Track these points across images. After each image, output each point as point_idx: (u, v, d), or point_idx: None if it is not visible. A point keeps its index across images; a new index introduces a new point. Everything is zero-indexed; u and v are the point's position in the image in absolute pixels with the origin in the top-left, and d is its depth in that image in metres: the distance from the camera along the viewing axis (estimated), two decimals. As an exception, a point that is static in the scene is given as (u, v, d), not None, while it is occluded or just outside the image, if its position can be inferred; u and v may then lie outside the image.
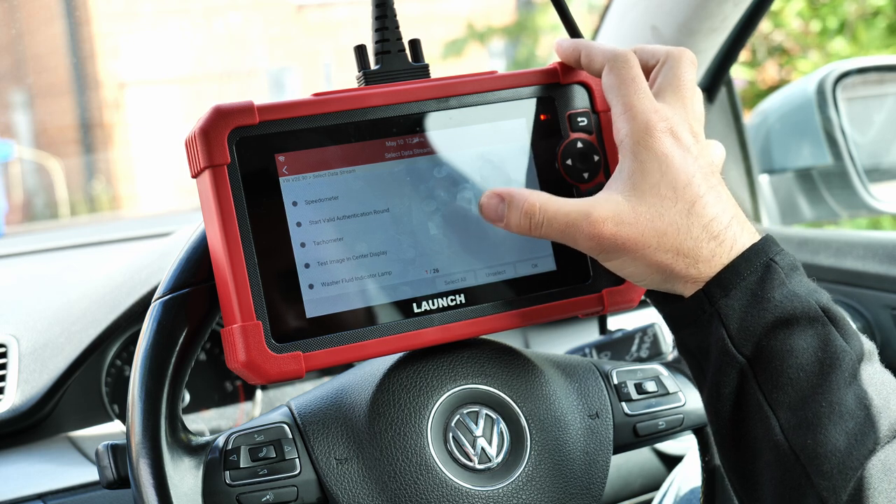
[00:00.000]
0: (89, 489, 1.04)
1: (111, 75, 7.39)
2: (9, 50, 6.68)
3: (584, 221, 0.63)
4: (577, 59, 0.71)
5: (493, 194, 0.66)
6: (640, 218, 0.62)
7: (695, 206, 0.63)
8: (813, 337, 0.61)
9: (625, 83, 0.66)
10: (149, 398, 0.68)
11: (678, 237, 0.62)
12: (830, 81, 1.46)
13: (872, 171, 1.48)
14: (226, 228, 0.66)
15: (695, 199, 0.63)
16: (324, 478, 0.69)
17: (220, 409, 1.22)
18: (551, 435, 0.73)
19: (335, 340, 0.68)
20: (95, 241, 1.47)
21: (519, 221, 0.65)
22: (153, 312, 0.70)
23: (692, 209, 0.63)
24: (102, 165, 7.19)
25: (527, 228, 0.65)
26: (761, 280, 0.62)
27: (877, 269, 1.24)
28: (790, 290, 0.62)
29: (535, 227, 0.64)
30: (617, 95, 0.66)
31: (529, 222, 0.65)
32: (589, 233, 0.63)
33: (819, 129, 1.46)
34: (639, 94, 0.65)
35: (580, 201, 0.64)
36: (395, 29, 0.74)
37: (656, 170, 0.63)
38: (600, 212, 0.63)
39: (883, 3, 4.44)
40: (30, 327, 1.13)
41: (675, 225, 0.62)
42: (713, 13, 1.27)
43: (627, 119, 0.65)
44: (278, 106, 0.68)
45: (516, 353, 0.75)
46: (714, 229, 0.63)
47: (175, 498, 0.67)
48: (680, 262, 0.63)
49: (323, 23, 7.95)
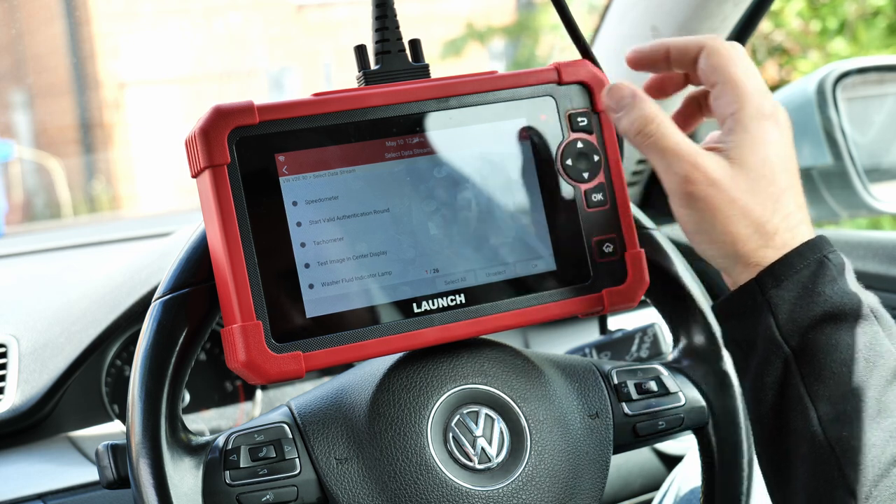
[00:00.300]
0: (89, 489, 1.04)
1: (111, 75, 7.39)
2: (9, 50, 6.68)
3: (688, 159, 0.64)
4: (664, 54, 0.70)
5: (625, 86, 0.67)
6: (738, 185, 0.64)
7: (784, 193, 0.65)
8: (859, 334, 0.62)
9: (733, 62, 0.66)
10: (149, 398, 0.68)
11: (763, 216, 0.64)
12: (830, 81, 1.46)
13: (872, 171, 1.48)
14: (226, 228, 0.66)
15: (786, 187, 0.65)
16: (324, 478, 0.69)
17: (220, 409, 1.22)
18: (551, 435, 0.73)
19: (335, 340, 0.68)
20: (95, 241, 1.47)
21: (633, 120, 0.66)
22: (153, 312, 0.70)
23: (782, 196, 0.64)
24: (102, 165, 7.19)
25: (636, 130, 0.66)
26: (814, 275, 0.63)
27: (877, 269, 1.24)
28: (840, 287, 0.63)
29: (644, 134, 0.66)
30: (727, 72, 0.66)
31: (644, 127, 0.65)
32: (686, 173, 0.64)
33: (819, 129, 1.46)
34: (749, 73, 0.66)
35: (692, 143, 0.65)
36: (396, 29, 0.74)
37: (765, 148, 0.65)
38: (706, 162, 0.64)
39: (883, 3, 4.44)
40: (30, 327, 1.13)
41: (763, 204, 0.64)
42: (713, 13, 1.27)
43: (740, 95, 0.65)
44: (278, 106, 0.68)
45: (516, 353, 0.75)
46: (791, 221, 0.65)
47: (175, 498, 0.67)
48: (754, 241, 0.64)
49: (323, 23, 7.95)
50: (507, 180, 0.72)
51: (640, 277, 0.74)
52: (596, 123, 0.75)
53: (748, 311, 0.64)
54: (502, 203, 0.72)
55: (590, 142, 0.74)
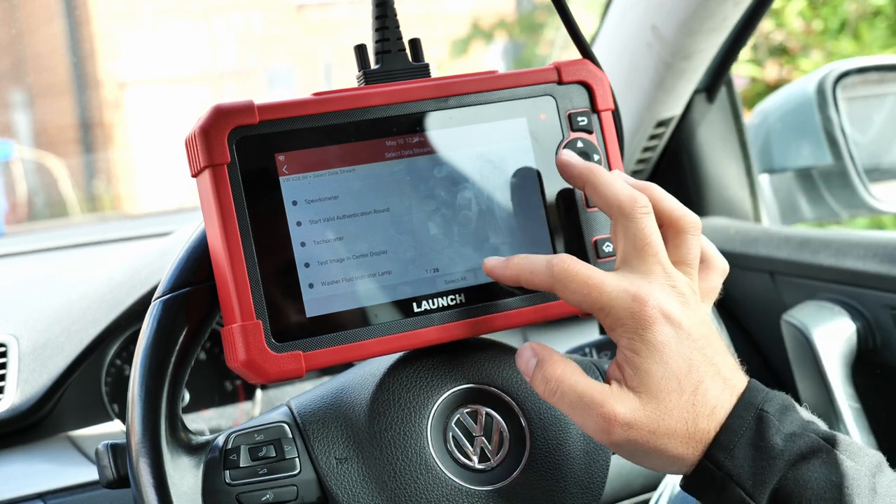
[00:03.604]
0: (89, 489, 1.04)
1: (111, 75, 7.39)
2: (9, 50, 6.67)
3: (597, 410, 0.63)
4: None
5: (529, 347, 0.67)
6: (651, 417, 0.63)
7: (697, 394, 0.63)
8: (822, 465, 0.62)
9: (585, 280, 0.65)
10: (149, 397, 0.68)
11: (688, 429, 0.63)
12: (830, 81, 1.46)
13: (872, 171, 1.48)
14: (226, 228, 0.66)
15: (696, 386, 0.63)
16: (324, 477, 0.69)
17: (220, 408, 1.22)
18: (551, 434, 0.73)
19: (335, 340, 0.68)
20: (95, 240, 1.47)
21: (538, 382, 0.66)
22: (153, 312, 0.70)
23: (695, 398, 0.63)
24: (102, 165, 7.19)
25: (541, 391, 0.66)
26: (759, 432, 0.63)
27: (877, 269, 1.24)
28: (787, 433, 0.63)
29: (548, 393, 0.65)
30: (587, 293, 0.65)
31: (545, 386, 0.65)
32: (599, 425, 0.63)
33: (819, 128, 1.46)
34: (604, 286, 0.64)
35: (597, 387, 0.64)
36: (396, 28, 0.74)
37: (659, 363, 0.63)
38: (614, 408, 0.63)
39: (883, 3, 4.44)
40: (30, 327, 1.13)
41: (682, 420, 0.63)
42: (713, 13, 1.27)
43: (613, 316, 0.64)
44: (278, 105, 0.68)
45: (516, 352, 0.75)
46: (717, 414, 0.63)
47: (175, 497, 0.67)
48: (682, 447, 0.63)
49: (323, 23, 7.95)
50: (507, 180, 0.72)
51: (640, 277, 0.74)
52: (596, 123, 0.75)
53: (712, 486, 0.63)
54: (502, 203, 0.72)
55: (590, 141, 0.74)
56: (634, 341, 0.63)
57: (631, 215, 0.66)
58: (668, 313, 0.63)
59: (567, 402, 0.64)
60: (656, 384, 0.63)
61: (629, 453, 0.65)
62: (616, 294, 0.63)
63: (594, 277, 0.64)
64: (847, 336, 1.27)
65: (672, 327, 0.63)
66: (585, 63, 0.75)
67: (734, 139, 1.53)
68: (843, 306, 1.29)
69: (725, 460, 0.62)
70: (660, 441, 0.63)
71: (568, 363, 0.65)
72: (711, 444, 0.63)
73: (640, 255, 0.65)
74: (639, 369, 0.63)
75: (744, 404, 0.63)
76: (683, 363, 0.63)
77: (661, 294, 0.64)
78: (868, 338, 1.27)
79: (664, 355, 0.63)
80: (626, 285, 0.64)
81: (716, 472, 0.63)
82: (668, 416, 0.63)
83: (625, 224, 0.66)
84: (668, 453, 0.63)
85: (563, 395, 0.64)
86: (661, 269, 0.65)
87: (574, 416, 0.65)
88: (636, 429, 0.63)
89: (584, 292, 0.64)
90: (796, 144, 1.52)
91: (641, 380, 0.63)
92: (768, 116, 1.57)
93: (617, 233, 0.67)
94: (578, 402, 0.64)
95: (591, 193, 0.68)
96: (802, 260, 1.33)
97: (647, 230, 0.65)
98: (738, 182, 1.53)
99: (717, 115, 1.51)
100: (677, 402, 0.63)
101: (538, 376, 0.66)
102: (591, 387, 0.64)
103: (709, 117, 1.51)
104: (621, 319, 0.63)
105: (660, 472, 0.66)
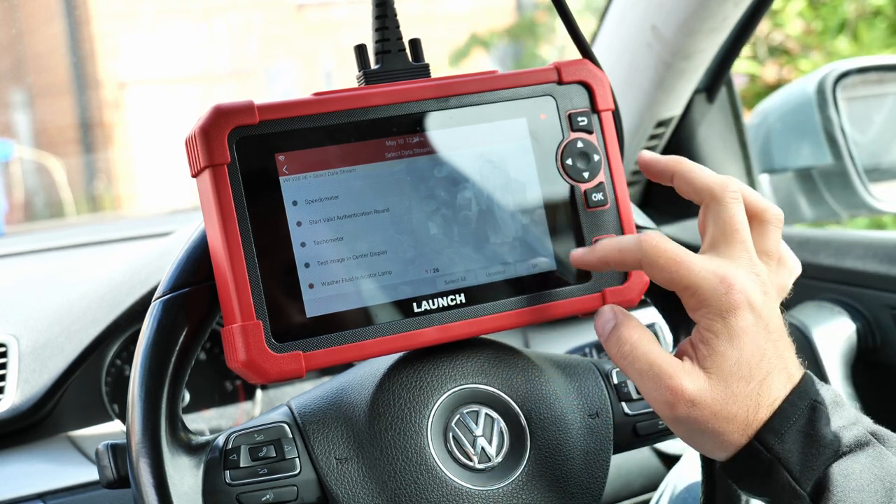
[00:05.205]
0: (89, 489, 1.04)
1: (111, 75, 7.39)
2: (9, 50, 6.67)
3: (665, 382, 0.64)
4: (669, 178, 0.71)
5: (610, 308, 0.68)
6: (716, 399, 0.63)
7: (763, 384, 0.64)
8: (867, 458, 0.63)
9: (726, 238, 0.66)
10: (149, 398, 0.68)
11: (747, 417, 0.64)
12: (830, 81, 1.46)
13: (872, 171, 1.48)
14: (226, 228, 0.66)
15: (765, 377, 0.64)
16: (324, 477, 0.69)
17: (220, 408, 1.22)
18: (551, 434, 0.73)
19: (335, 340, 0.68)
20: (95, 240, 1.47)
21: (612, 343, 0.66)
22: (153, 312, 0.70)
23: (761, 388, 0.64)
24: (102, 165, 7.19)
25: (614, 352, 0.66)
26: (810, 421, 0.63)
27: (877, 269, 1.24)
28: (838, 425, 0.64)
29: (619, 356, 0.66)
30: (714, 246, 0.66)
31: (619, 348, 0.66)
32: (664, 398, 0.64)
33: (819, 128, 1.46)
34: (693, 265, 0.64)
35: (669, 359, 0.64)
36: (396, 28, 0.74)
37: (738, 347, 0.64)
38: (682, 382, 0.63)
39: (883, 3, 4.44)
40: (30, 327, 1.13)
41: (745, 407, 0.64)
42: (713, 13, 1.27)
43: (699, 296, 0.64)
44: (278, 105, 0.68)
45: (516, 352, 0.75)
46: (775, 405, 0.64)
47: (175, 497, 0.67)
48: (737, 433, 0.64)
49: (323, 22, 7.95)
50: (507, 180, 0.72)
51: (640, 277, 0.74)
52: (596, 123, 0.75)
53: (757, 468, 0.64)
54: (502, 203, 0.72)
55: (590, 141, 0.74)
56: (716, 323, 0.64)
57: (723, 200, 0.67)
58: (751, 301, 0.64)
59: (637, 368, 0.65)
60: (728, 368, 0.63)
61: (686, 431, 0.65)
62: (704, 275, 0.64)
63: (684, 256, 0.65)
64: (847, 336, 1.27)
65: (754, 315, 0.64)
66: (585, 63, 0.75)
67: (734, 139, 1.53)
68: (843, 306, 1.29)
69: (775, 444, 0.63)
70: (719, 424, 0.63)
71: (646, 331, 0.66)
72: (762, 428, 0.63)
73: (728, 241, 0.66)
74: (714, 351, 0.64)
75: (798, 393, 0.64)
76: (757, 352, 0.64)
77: (747, 280, 0.64)
78: (868, 338, 1.27)
79: (742, 341, 0.64)
80: (714, 267, 0.64)
81: (764, 455, 0.63)
82: (732, 401, 0.63)
83: (716, 209, 0.67)
84: (722, 437, 0.64)
85: (634, 360, 0.65)
86: (747, 256, 0.66)
87: (641, 383, 0.65)
88: (700, 407, 0.63)
89: (672, 269, 0.65)
90: (796, 144, 1.52)
91: (715, 361, 0.64)
92: (768, 116, 1.57)
93: (707, 218, 0.68)
94: (649, 370, 0.64)
95: (681, 183, 0.69)
96: (802, 260, 1.33)
97: (738, 216, 0.66)
98: (738, 182, 1.52)
99: (717, 115, 1.51)
100: (744, 389, 0.63)
101: (613, 337, 0.66)
102: (665, 358, 0.64)
103: (709, 117, 1.51)
104: (706, 300, 0.64)
105: (706, 454, 0.67)
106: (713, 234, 0.67)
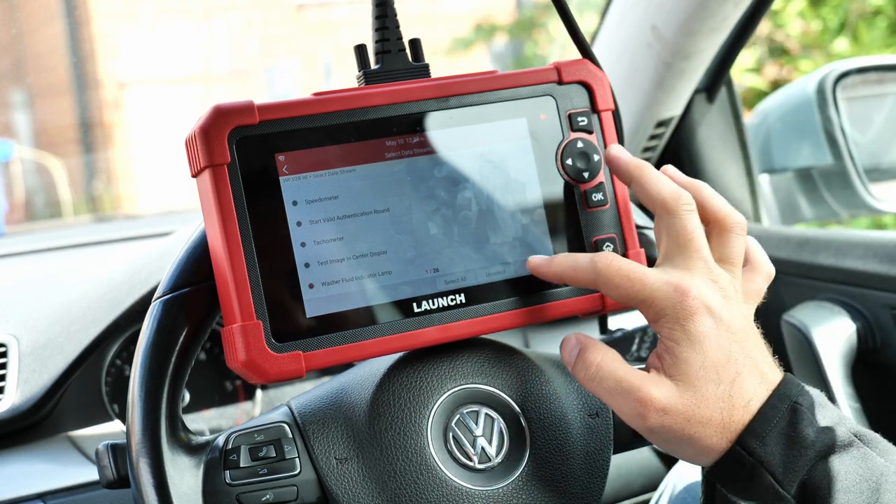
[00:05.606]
0: (89, 489, 1.04)
1: (111, 75, 7.39)
2: (9, 50, 6.67)
3: (634, 395, 0.64)
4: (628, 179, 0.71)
5: (574, 337, 0.68)
6: (687, 405, 0.64)
7: (734, 385, 0.64)
8: (852, 459, 0.63)
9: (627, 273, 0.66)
10: (149, 398, 0.68)
11: (722, 419, 0.64)
12: (830, 81, 1.46)
13: (872, 171, 1.48)
14: (226, 228, 0.66)
15: (734, 378, 0.64)
16: (324, 477, 0.69)
17: (220, 408, 1.22)
18: (551, 434, 0.73)
19: (335, 340, 0.68)
20: (95, 240, 1.47)
21: (579, 369, 0.67)
22: (153, 312, 0.70)
23: (732, 389, 0.64)
24: (102, 165, 7.20)
25: (582, 377, 0.67)
26: (791, 423, 0.64)
27: (877, 269, 1.24)
28: (819, 426, 0.64)
29: (587, 379, 0.66)
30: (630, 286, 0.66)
31: (585, 373, 0.66)
32: (635, 410, 0.64)
33: (819, 128, 1.46)
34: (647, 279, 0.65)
35: (635, 373, 0.65)
36: (396, 28, 0.74)
37: (701, 352, 0.64)
38: (651, 393, 0.64)
39: (882, 3, 4.44)
40: (30, 327, 1.13)
41: (718, 409, 0.64)
42: (713, 13, 1.27)
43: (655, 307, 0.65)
44: (278, 105, 0.68)
45: (516, 352, 0.76)
46: (752, 406, 0.64)
47: (175, 497, 0.67)
48: (716, 437, 0.64)
49: (323, 22, 7.95)
50: (507, 180, 0.72)
51: (640, 277, 0.74)
52: (596, 123, 0.75)
53: (740, 472, 0.64)
54: (502, 203, 0.72)
55: (590, 141, 0.74)
56: (675, 331, 0.64)
57: (674, 212, 0.67)
58: (709, 305, 0.64)
59: (605, 388, 0.65)
60: (694, 373, 0.64)
61: (663, 440, 0.65)
62: (658, 286, 0.65)
63: (636, 272, 0.65)
64: (847, 336, 1.27)
65: (713, 319, 0.64)
66: (585, 63, 0.75)
67: (734, 139, 1.53)
68: (843, 306, 1.29)
69: (757, 447, 0.63)
70: (694, 429, 0.64)
71: (609, 351, 0.66)
72: (744, 431, 0.64)
73: (682, 251, 0.66)
74: (678, 358, 0.64)
75: (778, 396, 0.64)
76: (722, 354, 0.64)
77: (702, 286, 0.65)
78: (868, 338, 1.27)
79: (703, 346, 0.64)
80: (668, 278, 0.65)
81: (746, 459, 0.63)
82: (704, 405, 0.64)
83: (668, 220, 0.67)
84: (702, 442, 0.64)
85: (601, 380, 0.65)
86: (703, 264, 0.66)
87: (612, 401, 0.65)
88: (672, 415, 0.64)
89: (626, 286, 0.65)
90: (796, 144, 1.52)
91: (680, 368, 0.64)
92: (768, 116, 1.57)
93: (660, 229, 0.68)
94: (617, 386, 0.65)
95: (637, 189, 0.69)
96: (802, 260, 1.34)
97: (690, 226, 0.67)
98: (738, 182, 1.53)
99: (717, 115, 1.51)
100: (714, 391, 0.64)
101: (579, 363, 0.67)
102: (630, 372, 0.65)
103: (709, 117, 1.51)
104: (663, 310, 0.64)
105: (690, 462, 0.67)
106: (667, 246, 0.67)
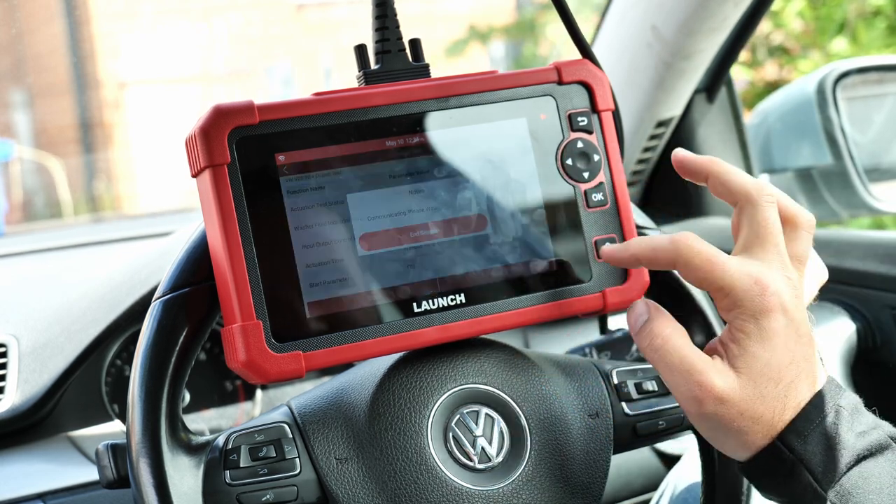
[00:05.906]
0: (89, 489, 1.04)
1: (111, 75, 7.39)
2: (9, 50, 6.67)
3: (694, 378, 0.64)
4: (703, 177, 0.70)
5: (643, 302, 0.68)
6: (744, 398, 0.64)
7: (791, 387, 0.64)
8: (887, 462, 0.64)
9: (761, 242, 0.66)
10: (149, 398, 0.68)
11: (773, 418, 0.64)
12: (830, 81, 1.46)
13: (872, 171, 1.48)
14: (226, 228, 0.66)
15: (792, 380, 0.64)
16: (324, 477, 0.69)
17: (220, 408, 1.22)
18: (551, 435, 0.73)
19: (335, 340, 0.68)
20: (95, 240, 1.47)
21: (643, 336, 0.66)
22: (153, 312, 0.70)
23: (788, 391, 0.64)
24: (102, 165, 7.20)
25: (644, 346, 0.66)
26: (833, 424, 0.64)
27: (877, 268, 1.24)
28: (859, 430, 0.64)
29: (650, 349, 0.66)
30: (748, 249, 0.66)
31: (650, 342, 0.66)
32: (692, 394, 0.64)
33: (819, 128, 1.46)
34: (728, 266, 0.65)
35: (700, 356, 0.65)
36: (396, 28, 0.74)
37: (770, 348, 0.64)
38: (711, 379, 0.64)
39: (882, 3, 4.44)
40: (30, 327, 1.13)
41: (772, 408, 0.64)
42: (713, 13, 1.27)
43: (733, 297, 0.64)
44: (278, 105, 0.68)
45: (516, 352, 0.75)
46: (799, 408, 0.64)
47: (175, 497, 0.67)
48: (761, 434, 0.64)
49: (323, 22, 7.95)
50: (507, 180, 0.72)
51: (640, 277, 0.74)
52: (596, 123, 0.74)
53: (779, 468, 0.64)
54: (502, 203, 0.72)
55: (590, 141, 0.74)
56: (748, 323, 0.64)
57: (758, 203, 0.67)
58: (784, 304, 0.64)
59: (667, 362, 0.65)
60: (759, 369, 0.64)
61: (710, 428, 0.65)
62: (739, 276, 0.64)
63: (719, 257, 0.65)
64: (847, 336, 1.27)
65: (786, 318, 0.64)
66: (585, 63, 0.75)
67: (734, 139, 1.53)
68: (843, 306, 1.29)
69: (798, 445, 0.63)
70: (744, 423, 0.64)
71: (678, 327, 0.66)
72: (786, 429, 0.64)
73: (762, 243, 0.66)
74: (746, 351, 0.64)
75: (822, 396, 0.65)
76: (787, 355, 0.64)
77: (780, 283, 0.65)
78: (868, 338, 1.27)
79: (773, 344, 0.64)
80: (749, 269, 0.64)
81: (787, 455, 0.64)
82: (760, 402, 0.64)
83: (751, 212, 0.67)
84: (746, 437, 0.64)
85: (665, 354, 0.65)
86: (780, 259, 0.66)
87: (670, 378, 0.65)
88: (728, 405, 0.63)
89: (707, 269, 0.65)
90: (796, 144, 1.52)
91: (746, 361, 0.64)
92: (768, 116, 1.58)
93: (741, 220, 0.68)
94: (680, 364, 0.64)
95: (717, 184, 0.69)
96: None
97: (772, 219, 0.66)
98: (738, 182, 1.52)
99: (717, 115, 1.52)
100: (772, 390, 0.64)
101: (645, 331, 0.66)
102: (696, 354, 0.65)
103: (709, 117, 1.51)
104: (740, 301, 0.64)
105: (726, 453, 0.67)
106: (747, 236, 0.67)
